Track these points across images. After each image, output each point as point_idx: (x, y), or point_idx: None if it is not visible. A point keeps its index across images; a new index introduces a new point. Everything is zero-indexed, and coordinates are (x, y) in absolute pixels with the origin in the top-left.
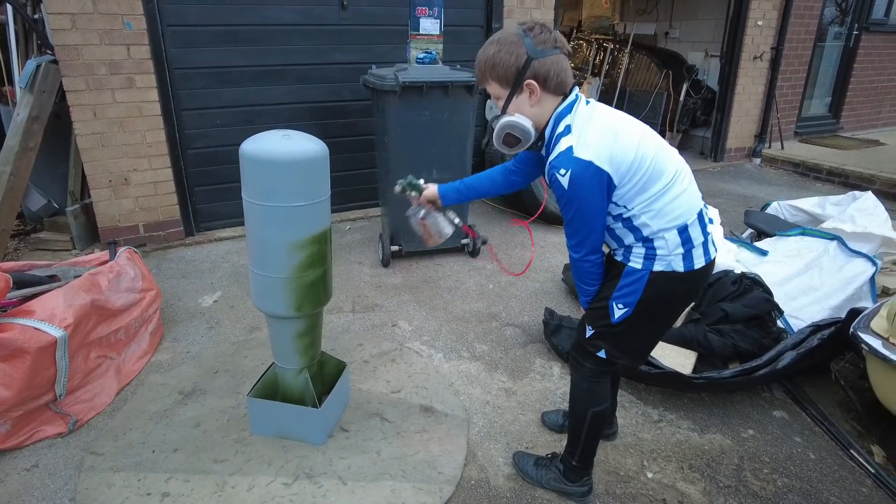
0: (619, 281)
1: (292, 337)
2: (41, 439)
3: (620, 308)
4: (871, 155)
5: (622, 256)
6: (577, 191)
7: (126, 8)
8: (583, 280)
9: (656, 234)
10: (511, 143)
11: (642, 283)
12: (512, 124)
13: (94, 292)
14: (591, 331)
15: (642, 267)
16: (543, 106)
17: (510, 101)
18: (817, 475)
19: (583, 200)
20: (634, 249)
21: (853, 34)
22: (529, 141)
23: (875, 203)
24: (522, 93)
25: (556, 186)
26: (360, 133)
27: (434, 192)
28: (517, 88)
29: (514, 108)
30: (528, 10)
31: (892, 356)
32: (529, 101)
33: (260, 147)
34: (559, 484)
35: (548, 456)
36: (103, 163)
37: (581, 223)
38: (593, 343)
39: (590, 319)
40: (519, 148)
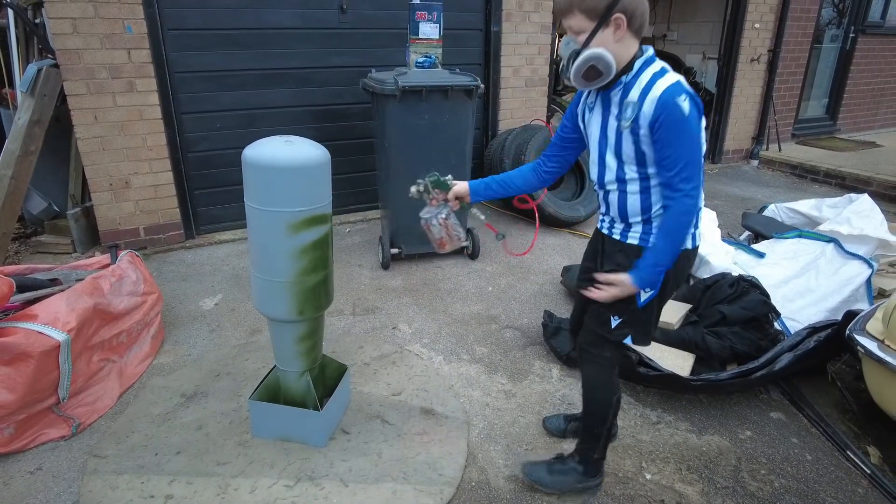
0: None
1: (294, 340)
2: (44, 442)
3: (647, 291)
4: (868, 157)
5: (638, 237)
6: (693, 117)
7: (127, 12)
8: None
9: None
10: (591, 77)
11: None
12: (598, 56)
13: (97, 296)
14: (618, 320)
15: None
16: (624, 45)
17: (594, 35)
18: (814, 476)
19: (698, 128)
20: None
21: (850, 36)
22: (609, 77)
23: (871, 205)
24: (608, 27)
25: (670, 113)
26: (359, 136)
27: (465, 188)
28: (604, 22)
29: (598, 42)
30: (527, 13)
31: (887, 358)
32: (614, 36)
33: (262, 153)
34: (581, 483)
35: (557, 458)
36: (104, 166)
37: (697, 151)
38: (620, 331)
39: (614, 310)
40: (597, 83)
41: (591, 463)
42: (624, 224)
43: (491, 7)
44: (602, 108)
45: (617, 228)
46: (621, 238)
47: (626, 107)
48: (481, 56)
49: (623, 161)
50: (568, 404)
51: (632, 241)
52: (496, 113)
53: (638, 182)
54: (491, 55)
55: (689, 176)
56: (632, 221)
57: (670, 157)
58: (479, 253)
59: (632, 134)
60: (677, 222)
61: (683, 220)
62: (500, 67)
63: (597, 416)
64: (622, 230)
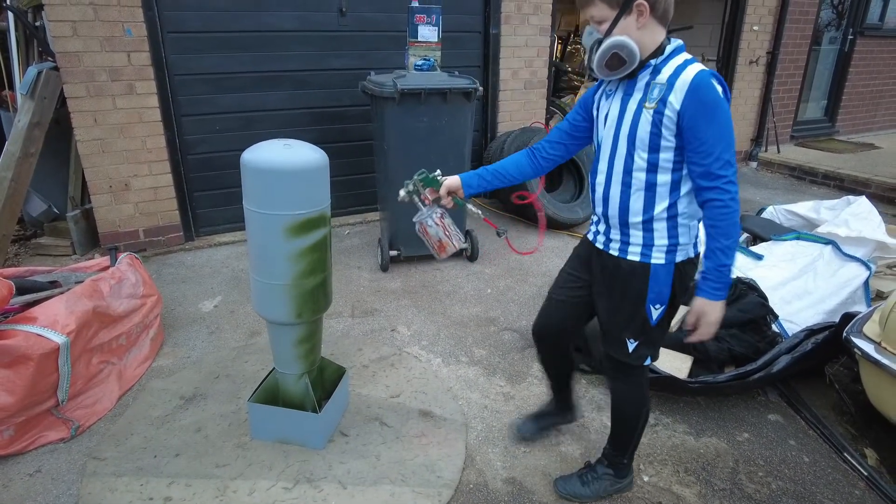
0: (648, 283)
1: (292, 343)
2: (44, 444)
3: (657, 308)
4: (866, 158)
5: (639, 251)
6: (725, 102)
7: (127, 15)
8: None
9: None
10: (614, 66)
11: (671, 277)
12: (621, 44)
13: (96, 298)
14: (634, 343)
15: (666, 261)
16: (648, 31)
17: (617, 22)
18: (811, 478)
19: (729, 112)
20: (657, 237)
21: (848, 38)
22: (634, 64)
23: (869, 207)
24: (630, 14)
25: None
26: (358, 138)
27: (457, 182)
28: (626, 9)
29: (620, 30)
30: (526, 15)
31: (883, 360)
32: (637, 24)
33: (261, 156)
34: (615, 487)
35: (586, 467)
36: (104, 168)
37: (733, 134)
38: (639, 353)
39: (629, 333)
40: (620, 72)
41: (622, 467)
42: (621, 231)
43: (490, 10)
44: (623, 92)
45: (614, 239)
46: (620, 254)
47: (654, 88)
48: (480, 59)
49: (636, 147)
50: None
51: (632, 258)
52: (495, 115)
53: (645, 174)
54: (490, 58)
55: (729, 160)
56: (631, 224)
57: (707, 142)
58: (479, 255)
59: (655, 114)
60: (728, 214)
61: (733, 208)
62: (499, 70)
63: (627, 428)
64: (620, 242)
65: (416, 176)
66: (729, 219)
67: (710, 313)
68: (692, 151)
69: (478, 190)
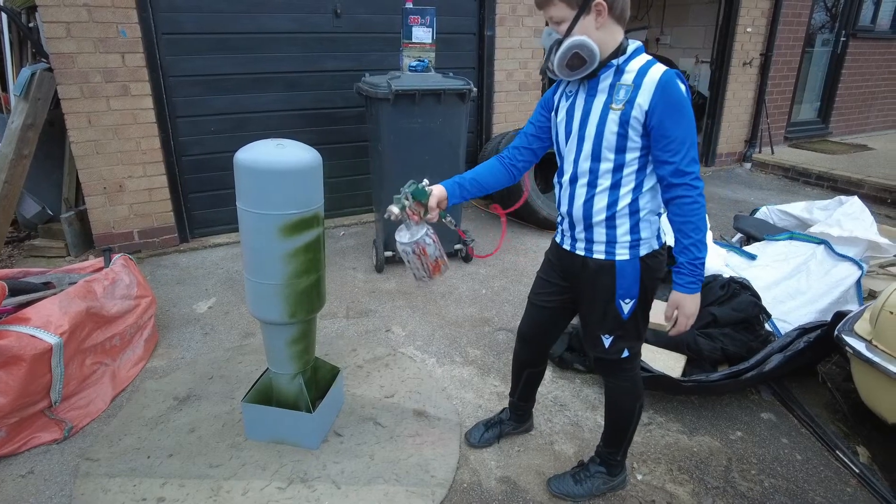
0: (615, 280)
1: (286, 343)
2: (36, 446)
3: (627, 302)
4: (859, 159)
5: (604, 249)
6: (689, 101)
7: (121, 16)
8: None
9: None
10: (575, 66)
11: (637, 271)
12: (581, 43)
13: (90, 299)
14: (610, 339)
15: (630, 256)
16: (608, 31)
17: (576, 22)
18: (803, 475)
19: (692, 111)
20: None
21: (841, 40)
22: (594, 64)
23: (861, 207)
24: (589, 14)
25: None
26: (354, 139)
27: (443, 192)
28: (585, 9)
29: (580, 30)
30: (521, 17)
31: (874, 358)
32: (595, 23)
33: (254, 156)
34: (608, 485)
35: (579, 466)
36: (98, 170)
37: (695, 135)
38: (616, 349)
39: (602, 329)
40: (581, 72)
41: (615, 464)
42: (585, 230)
43: (485, 11)
44: (586, 93)
45: (579, 239)
46: (586, 254)
47: (619, 89)
48: (475, 60)
49: (602, 147)
50: (560, 405)
51: (598, 257)
52: (490, 116)
53: (610, 175)
54: (485, 59)
55: (694, 157)
56: (595, 222)
57: (675, 141)
58: (473, 256)
59: (622, 115)
60: (698, 209)
61: (701, 203)
62: (493, 71)
63: (620, 425)
64: (585, 241)
65: (406, 188)
66: (699, 213)
67: (686, 306)
68: (660, 150)
69: (459, 200)
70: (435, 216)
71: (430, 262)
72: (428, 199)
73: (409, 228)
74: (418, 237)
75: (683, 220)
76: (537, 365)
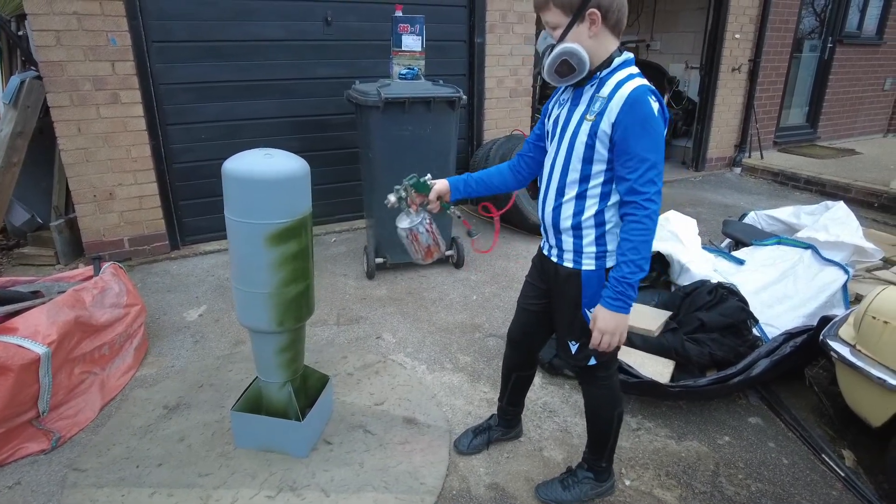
0: (581, 289)
1: (275, 351)
2: (24, 456)
3: (592, 311)
4: (847, 164)
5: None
6: (659, 120)
7: (111, 24)
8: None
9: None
10: (563, 73)
11: (603, 281)
12: (571, 51)
13: (78, 308)
14: (576, 345)
15: (597, 266)
16: (600, 41)
17: (569, 30)
18: (790, 479)
19: (663, 132)
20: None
21: (828, 46)
22: (583, 73)
23: (847, 212)
24: (583, 23)
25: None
26: (344, 146)
27: (445, 186)
28: (579, 17)
29: (573, 38)
30: (511, 24)
31: (858, 363)
32: (588, 32)
33: (241, 166)
34: (596, 490)
35: (567, 472)
36: (88, 177)
37: (661, 154)
38: (583, 356)
39: (570, 336)
40: (570, 79)
41: (602, 470)
42: (555, 237)
43: (475, 19)
44: (571, 103)
45: (553, 245)
46: (558, 261)
47: (595, 101)
48: (466, 67)
49: (572, 156)
50: (549, 412)
51: (567, 265)
52: (481, 123)
53: (577, 183)
54: (475, 66)
55: (652, 179)
56: (562, 229)
57: (634, 158)
58: (464, 262)
59: (591, 126)
60: (641, 231)
61: (647, 225)
62: (484, 78)
63: (602, 431)
64: (557, 248)
65: (407, 181)
66: (640, 235)
67: (601, 319)
68: (619, 165)
69: (463, 195)
70: (435, 207)
71: (423, 248)
72: (429, 192)
73: (409, 216)
74: (413, 225)
75: (624, 236)
76: (526, 369)
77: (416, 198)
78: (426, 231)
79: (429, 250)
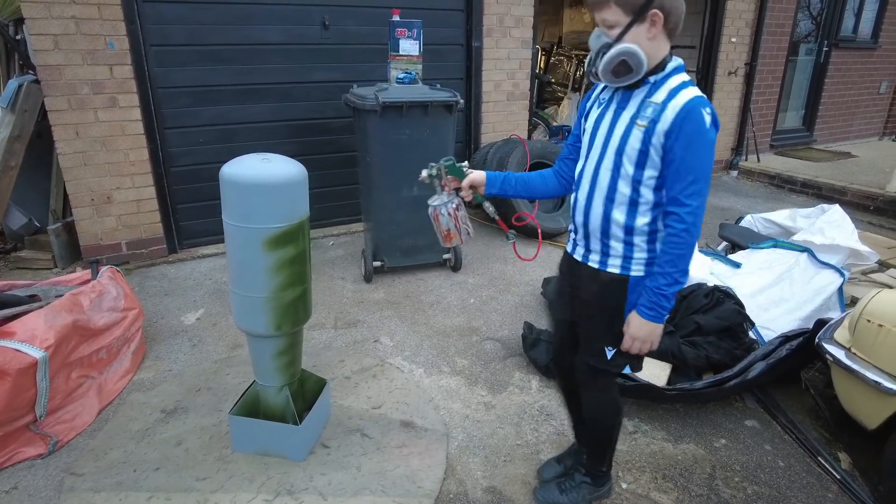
0: (627, 294)
1: (272, 355)
2: (21, 461)
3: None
4: (843, 167)
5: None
6: (713, 134)
7: (109, 29)
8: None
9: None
10: (620, 73)
11: None
12: (630, 51)
13: (76, 312)
14: (612, 351)
15: (645, 272)
16: (657, 43)
17: (628, 29)
18: (786, 482)
19: (713, 145)
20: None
21: (823, 50)
22: (640, 75)
23: (842, 215)
24: (643, 23)
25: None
26: (342, 149)
27: (481, 177)
28: (640, 17)
29: (631, 38)
30: (508, 28)
31: (853, 366)
32: (648, 33)
33: (239, 170)
34: (593, 494)
35: (564, 475)
36: (86, 181)
37: (709, 168)
38: (618, 363)
39: (607, 341)
40: (624, 80)
41: (600, 475)
42: (601, 242)
43: (472, 23)
44: (618, 104)
45: (594, 251)
46: (600, 266)
47: (647, 106)
48: (463, 71)
49: (622, 161)
50: (546, 415)
51: (612, 270)
52: (478, 126)
53: (629, 189)
54: (472, 70)
55: (697, 191)
56: (612, 235)
57: (681, 170)
58: (462, 265)
59: (644, 133)
60: (679, 244)
61: (686, 239)
62: (481, 82)
63: (603, 437)
64: (600, 254)
65: (443, 161)
66: (678, 248)
67: (634, 326)
68: (666, 175)
69: (499, 192)
70: (467, 195)
71: (442, 230)
72: (463, 178)
73: (440, 195)
74: (438, 205)
75: (663, 248)
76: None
77: (449, 181)
78: (448, 214)
79: (448, 234)
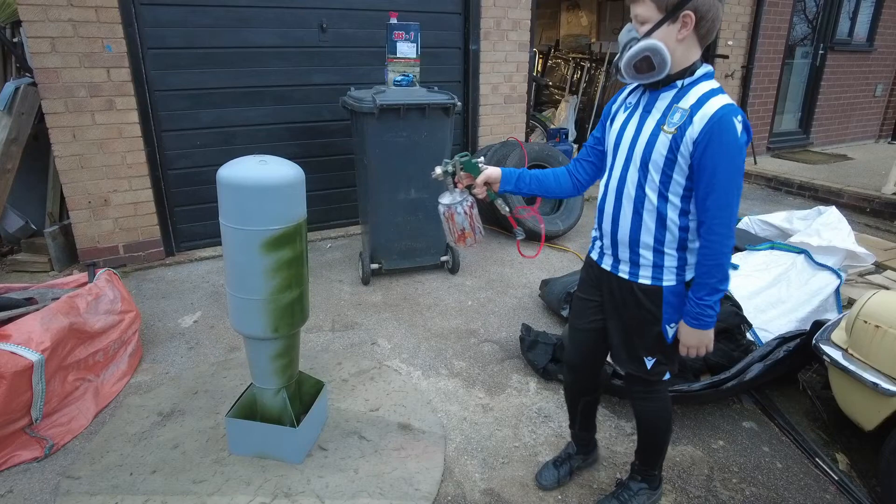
0: (662, 305)
1: (269, 358)
2: (16, 464)
3: (673, 327)
4: (839, 169)
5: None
6: (744, 144)
7: (106, 31)
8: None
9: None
10: (642, 70)
11: (684, 296)
12: (655, 48)
13: (73, 315)
14: (652, 360)
15: (677, 281)
16: (687, 46)
17: (659, 27)
18: (783, 483)
19: (744, 153)
20: (667, 259)
21: (819, 53)
22: (662, 74)
23: (839, 217)
24: (675, 23)
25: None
26: (340, 152)
27: (497, 173)
28: (672, 16)
29: (660, 36)
30: (505, 31)
31: (850, 367)
32: (678, 34)
33: (236, 173)
34: (651, 499)
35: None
36: (83, 184)
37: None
38: (657, 370)
39: (646, 351)
40: (646, 78)
41: (654, 479)
42: (630, 251)
43: (469, 26)
44: (644, 107)
45: (623, 260)
46: (630, 278)
47: (675, 112)
48: (461, 74)
49: (649, 169)
50: (544, 417)
51: (644, 282)
52: (476, 129)
53: (657, 196)
54: (470, 73)
55: (728, 203)
56: (642, 243)
57: (712, 182)
58: (460, 267)
59: (672, 140)
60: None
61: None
62: (479, 85)
63: (657, 443)
64: (630, 263)
65: (458, 157)
66: (713, 259)
67: (685, 336)
68: (697, 185)
69: (514, 189)
70: (481, 192)
71: (457, 229)
72: (478, 174)
73: (452, 193)
74: (453, 203)
75: (698, 260)
76: (592, 392)
77: (463, 177)
78: (464, 213)
79: (462, 234)
